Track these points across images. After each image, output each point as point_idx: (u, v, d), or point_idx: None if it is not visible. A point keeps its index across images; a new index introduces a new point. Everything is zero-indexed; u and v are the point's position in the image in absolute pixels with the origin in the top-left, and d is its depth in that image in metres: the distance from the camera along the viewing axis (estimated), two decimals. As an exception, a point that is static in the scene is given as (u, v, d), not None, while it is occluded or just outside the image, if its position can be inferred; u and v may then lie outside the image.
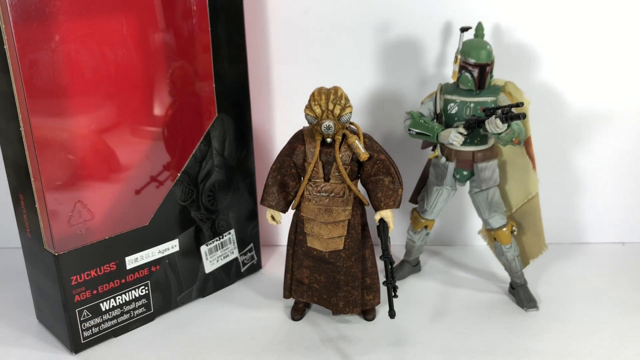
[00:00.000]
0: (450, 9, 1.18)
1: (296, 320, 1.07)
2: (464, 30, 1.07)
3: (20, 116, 0.87)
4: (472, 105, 1.03)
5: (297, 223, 1.02)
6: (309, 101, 0.95)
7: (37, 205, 0.92)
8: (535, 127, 1.13)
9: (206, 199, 1.11)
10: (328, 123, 0.93)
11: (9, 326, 1.07)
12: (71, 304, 0.97)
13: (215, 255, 1.15)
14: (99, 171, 1.00)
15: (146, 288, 1.06)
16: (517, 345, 0.99)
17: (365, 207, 1.02)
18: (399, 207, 0.98)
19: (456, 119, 1.05)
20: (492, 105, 1.02)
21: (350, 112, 0.95)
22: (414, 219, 1.17)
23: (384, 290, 1.05)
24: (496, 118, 0.95)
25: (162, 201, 1.04)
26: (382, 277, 1.03)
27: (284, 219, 1.04)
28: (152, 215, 1.03)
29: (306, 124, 1.00)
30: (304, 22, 1.21)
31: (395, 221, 1.10)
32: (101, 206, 1.01)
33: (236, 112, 1.12)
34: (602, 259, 1.27)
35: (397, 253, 1.24)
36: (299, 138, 1.00)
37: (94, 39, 0.93)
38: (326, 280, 1.03)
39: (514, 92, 1.04)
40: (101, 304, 1.01)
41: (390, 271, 0.94)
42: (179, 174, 1.06)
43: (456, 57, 1.04)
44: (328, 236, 0.99)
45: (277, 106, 1.28)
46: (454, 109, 1.05)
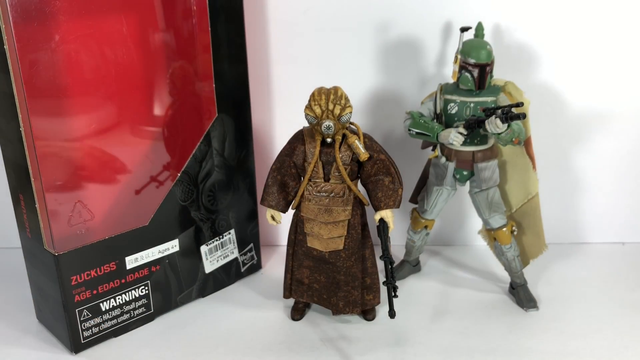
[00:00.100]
0: (450, 9, 1.18)
1: (296, 320, 1.07)
2: (464, 30, 1.07)
3: (20, 116, 0.87)
4: (472, 105, 1.03)
5: (297, 223, 1.02)
6: (309, 101, 0.95)
7: (37, 205, 0.92)
8: (535, 127, 1.13)
9: (206, 199, 1.11)
10: (328, 123, 0.93)
11: (9, 326, 1.07)
12: (71, 304, 0.97)
13: (215, 255, 1.15)
14: (99, 171, 1.00)
15: (146, 288, 1.06)
16: (517, 345, 0.99)
17: (365, 207, 1.02)
18: (399, 207, 0.98)
19: (456, 119, 1.05)
20: (492, 105, 1.02)
21: (350, 112, 0.95)
22: (414, 219, 1.17)
23: (384, 290, 1.05)
24: (496, 118, 0.95)
25: (162, 201, 1.04)
26: (382, 277, 1.03)
27: (284, 219, 1.04)
28: (152, 215, 1.03)
29: (306, 124, 1.00)
30: (303, 22, 1.21)
31: (395, 221, 1.10)
32: (101, 206, 1.01)
33: (236, 112, 1.12)
34: (602, 259, 1.27)
35: (397, 253, 1.24)
36: (299, 138, 1.00)
37: (94, 39, 0.93)
38: (326, 280, 1.03)
39: (514, 92, 1.04)
40: (101, 304, 1.01)
41: (390, 271, 0.94)
42: (179, 174, 1.06)
43: (456, 57, 1.04)
44: (328, 236, 0.99)
45: (277, 106, 1.28)
46: (454, 109, 1.05)
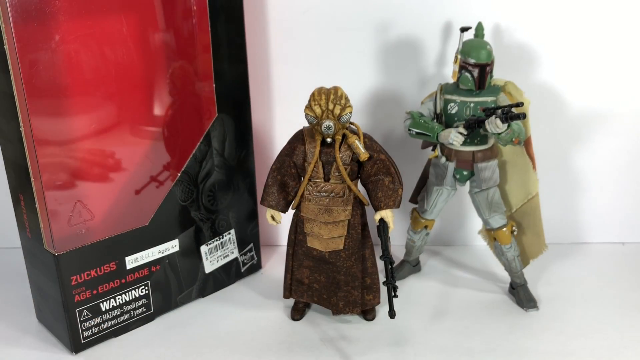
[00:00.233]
0: (450, 9, 1.18)
1: (296, 320, 1.07)
2: (464, 30, 1.07)
3: (20, 116, 0.87)
4: (472, 105, 1.03)
5: (297, 223, 1.02)
6: (309, 101, 0.95)
7: (37, 205, 0.92)
8: (535, 127, 1.13)
9: (206, 199, 1.11)
10: (328, 123, 0.93)
11: (9, 326, 1.07)
12: (71, 304, 0.97)
13: (215, 255, 1.15)
14: (99, 171, 1.00)
15: (146, 288, 1.06)
16: (517, 345, 0.99)
17: (365, 207, 1.02)
18: (399, 207, 0.98)
19: (456, 119, 1.04)
20: (492, 105, 1.02)
21: (350, 112, 0.95)
22: (414, 219, 1.17)
23: (384, 290, 1.05)
24: (496, 118, 0.95)
25: (162, 201, 1.04)
26: (382, 277, 1.03)
27: (284, 219, 1.04)
28: (152, 215, 1.03)
29: (306, 124, 1.00)
30: (303, 22, 1.21)
31: (395, 221, 1.10)
32: (101, 206, 1.01)
33: (236, 112, 1.12)
34: (602, 259, 1.27)
35: (397, 253, 1.24)
36: (299, 138, 1.00)
37: (94, 39, 0.93)
38: (326, 280, 1.03)
39: (514, 92, 1.04)
40: (101, 304, 1.01)
41: (390, 271, 0.94)
42: (179, 174, 1.06)
43: (456, 57, 1.04)
44: (328, 236, 0.99)
45: (277, 106, 1.28)
46: (454, 109, 1.05)
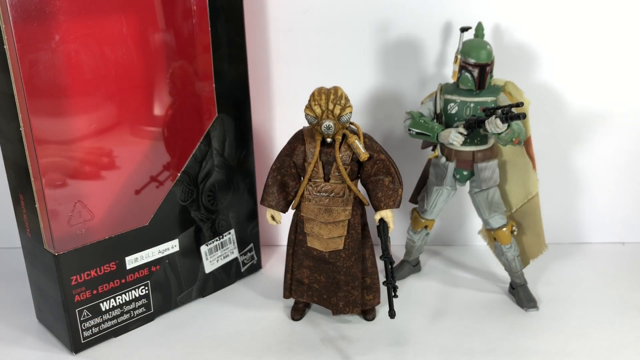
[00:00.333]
0: (450, 9, 1.18)
1: (296, 320, 1.07)
2: (464, 30, 1.07)
3: (20, 116, 0.87)
4: (472, 105, 1.03)
5: (297, 223, 1.02)
6: (309, 101, 0.95)
7: (37, 205, 0.92)
8: (535, 127, 1.13)
9: (206, 199, 1.11)
10: (328, 123, 0.93)
11: (9, 326, 1.07)
12: (71, 304, 0.97)
13: (215, 255, 1.15)
14: (99, 171, 1.00)
15: (146, 288, 1.06)
16: (517, 345, 0.99)
17: (365, 207, 1.02)
18: (399, 207, 0.98)
19: (456, 119, 1.04)
20: (492, 105, 1.02)
21: (350, 112, 0.95)
22: (414, 219, 1.17)
23: (384, 290, 1.05)
24: (496, 118, 0.95)
25: (162, 201, 1.04)
26: (382, 277, 1.03)
27: (284, 219, 1.04)
28: (152, 215, 1.03)
29: (306, 124, 1.00)
30: (303, 22, 1.21)
31: (395, 221, 1.10)
32: (101, 206, 1.01)
33: (236, 112, 1.12)
34: (602, 259, 1.27)
35: (397, 253, 1.24)
36: (299, 138, 1.00)
37: (94, 39, 0.93)
38: (326, 280, 1.03)
39: (514, 92, 1.04)
40: (101, 304, 1.01)
41: (390, 271, 0.94)
42: (179, 174, 1.06)
43: (456, 57, 1.04)
44: (328, 236, 0.99)
45: (277, 106, 1.28)
46: (454, 109, 1.05)
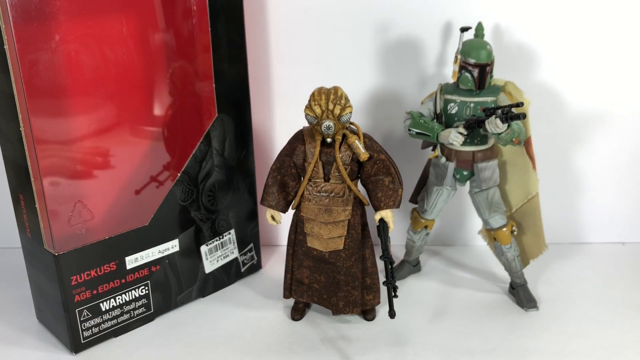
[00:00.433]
0: (450, 9, 1.18)
1: (296, 320, 1.07)
2: (464, 30, 1.07)
3: (20, 116, 0.87)
4: (472, 105, 1.03)
5: (297, 223, 1.02)
6: (309, 101, 0.95)
7: (37, 205, 0.92)
8: (535, 127, 1.13)
9: (206, 199, 1.11)
10: (328, 123, 0.93)
11: (9, 326, 1.07)
12: (71, 304, 0.97)
13: (215, 255, 1.15)
14: (98, 171, 1.00)
15: (146, 288, 1.06)
16: (517, 345, 0.99)
17: (365, 207, 1.02)
18: (399, 207, 0.98)
19: (456, 119, 1.04)
20: (492, 105, 1.02)
21: (350, 112, 0.95)
22: (414, 219, 1.17)
23: (384, 290, 1.05)
24: (496, 118, 0.95)
25: (162, 201, 1.04)
26: (382, 277, 1.03)
27: (284, 219, 1.04)
28: (152, 215, 1.03)
29: (306, 124, 1.00)
30: (304, 22, 1.21)
31: (395, 221, 1.10)
32: (101, 206, 1.01)
33: (236, 112, 1.12)
34: (602, 259, 1.27)
35: (397, 253, 1.24)
36: (299, 138, 1.00)
37: (94, 39, 0.93)
38: (326, 280, 1.03)
39: (514, 92, 1.04)
40: (101, 304, 1.01)
41: (390, 271, 0.94)
42: (179, 174, 1.06)
43: (456, 57, 1.04)
44: (328, 236, 0.99)
45: (277, 106, 1.28)
46: (454, 109, 1.05)
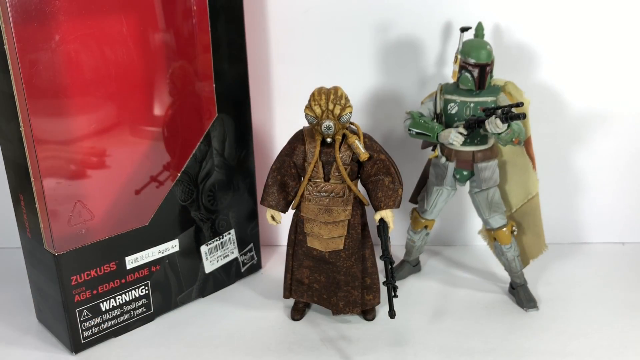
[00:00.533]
0: (450, 9, 1.18)
1: (296, 320, 1.07)
2: (464, 30, 1.07)
3: (20, 116, 0.87)
4: (472, 105, 1.03)
5: (297, 223, 1.02)
6: (309, 101, 0.95)
7: (37, 205, 0.92)
8: (535, 127, 1.13)
9: (206, 199, 1.11)
10: (328, 123, 0.93)
11: (9, 326, 1.07)
12: (71, 304, 0.97)
13: (215, 255, 1.15)
14: (98, 171, 1.00)
15: (146, 288, 1.06)
16: (517, 345, 0.99)
17: (365, 207, 1.02)
18: (399, 207, 0.98)
19: (456, 119, 1.04)
20: (492, 105, 1.02)
21: (350, 112, 0.95)
22: (414, 219, 1.17)
23: (384, 290, 1.05)
24: (496, 118, 0.95)
25: (162, 201, 1.04)
26: (382, 277, 1.03)
27: (284, 219, 1.04)
28: (152, 215, 1.03)
29: (306, 124, 1.00)
30: (304, 22, 1.21)
31: (395, 221, 1.10)
32: (101, 206, 1.01)
33: (236, 112, 1.12)
34: (602, 259, 1.27)
35: (397, 253, 1.24)
36: (299, 138, 1.00)
37: (94, 39, 0.93)
38: (326, 280, 1.03)
39: (514, 92, 1.04)
40: (101, 304, 1.01)
41: (390, 271, 0.94)
42: (179, 174, 1.06)
43: (456, 57, 1.04)
44: (328, 236, 0.99)
45: (277, 106, 1.28)
46: (454, 109, 1.05)
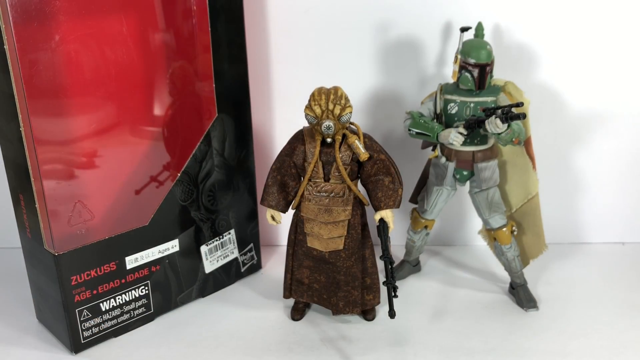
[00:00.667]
0: (450, 9, 1.18)
1: (296, 320, 1.07)
2: (464, 30, 1.07)
3: (20, 116, 0.87)
4: (472, 105, 1.03)
5: (297, 223, 1.02)
6: (309, 101, 0.95)
7: (37, 205, 0.92)
8: (535, 127, 1.13)
9: (206, 199, 1.11)
10: (328, 123, 0.93)
11: (9, 326, 1.07)
12: (71, 304, 0.97)
13: (215, 255, 1.15)
14: (98, 171, 1.00)
15: (146, 288, 1.06)
16: (517, 345, 0.99)
17: (365, 207, 1.02)
18: (399, 207, 0.98)
19: (456, 119, 1.04)
20: (492, 105, 1.02)
21: (350, 112, 0.95)
22: (414, 219, 1.17)
23: (384, 290, 1.05)
24: (496, 118, 0.95)
25: (162, 201, 1.04)
26: (382, 277, 1.03)
27: (284, 219, 1.04)
28: (152, 215, 1.03)
29: (306, 124, 1.00)
30: (304, 22, 1.21)
31: (395, 221, 1.10)
32: (101, 206, 1.01)
33: (236, 112, 1.12)
34: (602, 259, 1.27)
35: (397, 253, 1.24)
36: (299, 138, 1.00)
37: (94, 39, 0.93)
38: (326, 280, 1.03)
39: (514, 92, 1.04)
40: (101, 304, 1.01)
41: (390, 271, 0.94)
42: (179, 174, 1.06)
43: (456, 57, 1.04)
44: (328, 236, 0.99)
45: (277, 106, 1.28)
46: (454, 109, 1.05)
